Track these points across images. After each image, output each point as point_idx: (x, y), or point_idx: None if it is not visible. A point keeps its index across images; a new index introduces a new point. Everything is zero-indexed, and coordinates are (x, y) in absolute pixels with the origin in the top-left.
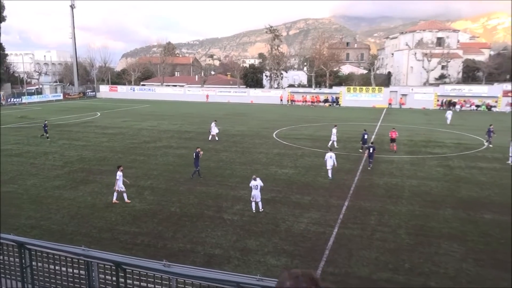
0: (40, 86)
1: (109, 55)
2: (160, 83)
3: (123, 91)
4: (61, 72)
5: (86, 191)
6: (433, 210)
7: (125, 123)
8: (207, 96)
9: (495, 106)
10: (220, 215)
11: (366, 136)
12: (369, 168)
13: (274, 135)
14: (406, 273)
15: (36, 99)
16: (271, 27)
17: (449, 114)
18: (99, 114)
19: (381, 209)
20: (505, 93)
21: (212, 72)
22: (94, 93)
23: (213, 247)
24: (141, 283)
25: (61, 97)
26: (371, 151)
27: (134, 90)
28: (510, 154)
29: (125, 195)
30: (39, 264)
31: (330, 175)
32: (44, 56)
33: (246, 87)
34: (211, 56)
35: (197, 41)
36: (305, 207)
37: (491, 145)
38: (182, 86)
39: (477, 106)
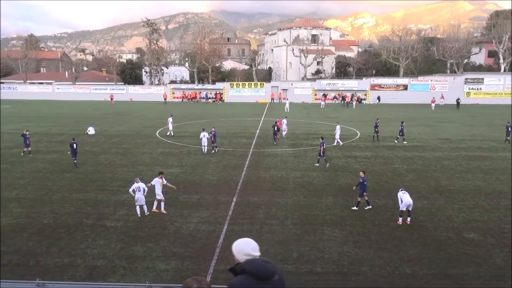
0: None
1: None
2: (22, 81)
3: None
4: None
5: None
6: (316, 199)
7: None
8: (112, 95)
9: (364, 99)
10: (102, 223)
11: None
12: (274, 143)
13: (157, 134)
14: (295, 261)
15: None
16: (149, 20)
17: (287, 104)
18: None
19: (268, 202)
20: (372, 87)
21: (85, 68)
22: None
23: (95, 258)
24: None
25: None
26: (275, 128)
27: None
28: (336, 137)
29: (157, 203)
30: None
31: (204, 150)
32: None
33: (124, 84)
34: (83, 51)
35: (66, 33)
36: (193, 207)
37: (378, 140)
38: (50, 83)
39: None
